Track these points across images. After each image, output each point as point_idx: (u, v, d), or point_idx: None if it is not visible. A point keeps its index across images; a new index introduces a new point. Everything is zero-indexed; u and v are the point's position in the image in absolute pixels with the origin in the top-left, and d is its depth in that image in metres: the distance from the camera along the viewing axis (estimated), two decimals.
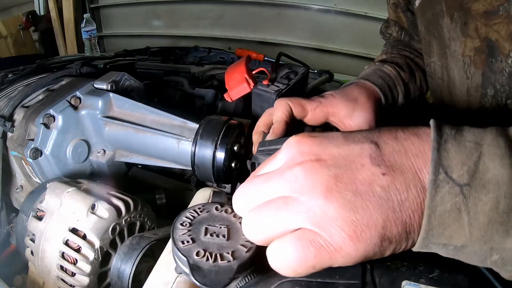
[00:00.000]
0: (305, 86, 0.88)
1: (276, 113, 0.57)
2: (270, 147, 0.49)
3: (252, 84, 0.77)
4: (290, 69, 0.83)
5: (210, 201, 0.56)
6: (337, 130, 0.64)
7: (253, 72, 0.80)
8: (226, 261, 0.36)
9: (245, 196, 0.36)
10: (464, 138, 0.31)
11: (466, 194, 0.29)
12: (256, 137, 0.60)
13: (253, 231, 0.34)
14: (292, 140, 0.35)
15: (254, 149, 0.58)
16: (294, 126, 0.58)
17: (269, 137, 0.56)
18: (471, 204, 0.29)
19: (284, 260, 0.32)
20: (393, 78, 0.73)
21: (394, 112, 0.74)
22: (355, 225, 0.30)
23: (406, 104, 0.75)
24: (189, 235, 0.38)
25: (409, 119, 1.03)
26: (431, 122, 0.33)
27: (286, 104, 0.58)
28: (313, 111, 0.59)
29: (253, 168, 0.50)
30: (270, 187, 0.34)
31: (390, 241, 0.31)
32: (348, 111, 0.61)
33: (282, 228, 0.32)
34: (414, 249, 0.32)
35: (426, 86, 0.82)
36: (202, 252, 0.36)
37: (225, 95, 0.80)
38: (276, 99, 0.72)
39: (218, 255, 0.36)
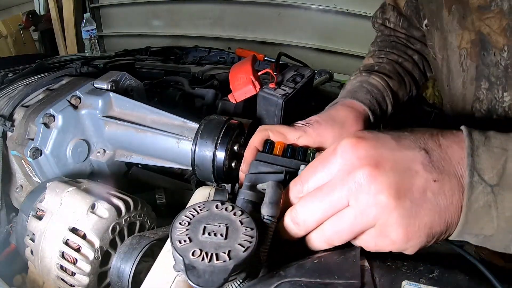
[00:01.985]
0: (311, 89, 0.86)
1: (250, 141, 0.59)
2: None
3: (258, 86, 0.74)
4: (296, 71, 0.81)
5: (210, 199, 0.56)
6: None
7: (259, 74, 0.77)
8: (222, 261, 0.35)
9: (315, 212, 0.39)
10: (492, 144, 0.36)
11: (495, 192, 0.34)
12: (249, 152, 0.59)
13: (330, 240, 0.39)
14: (347, 144, 0.38)
15: (245, 167, 0.58)
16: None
17: (242, 166, 0.59)
18: (499, 201, 0.34)
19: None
20: (381, 90, 0.72)
21: (383, 121, 0.74)
22: (409, 229, 0.35)
23: (394, 111, 0.75)
24: (186, 234, 0.38)
25: (410, 118, 1.03)
26: (463, 129, 0.37)
27: (266, 134, 0.59)
28: (296, 141, 0.59)
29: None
30: (337, 199, 0.37)
31: (433, 237, 0.36)
32: (333, 139, 0.60)
33: (355, 231, 0.38)
34: (449, 238, 0.38)
35: (416, 88, 0.81)
36: (198, 252, 0.36)
37: (229, 96, 0.78)
38: (283, 103, 0.71)
39: (214, 254, 0.36)
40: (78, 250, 0.54)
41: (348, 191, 0.36)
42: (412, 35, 0.83)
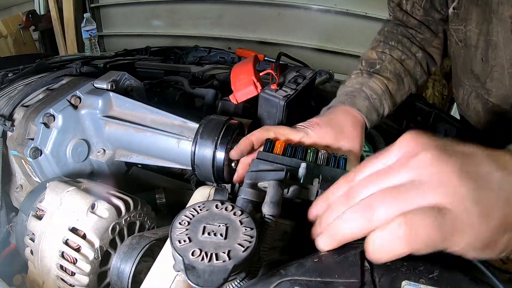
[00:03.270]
0: (313, 90, 0.86)
1: (249, 134, 0.60)
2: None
3: (259, 87, 0.74)
4: (298, 72, 0.81)
5: (210, 199, 0.56)
6: None
7: (260, 74, 0.77)
8: (222, 261, 0.35)
9: (370, 185, 0.37)
10: None
11: None
12: (244, 143, 0.61)
13: (387, 208, 0.34)
14: (406, 136, 0.37)
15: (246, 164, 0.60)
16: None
17: (233, 152, 0.61)
18: None
19: (419, 230, 0.32)
20: (379, 95, 0.74)
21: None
22: (484, 204, 0.32)
23: (390, 112, 0.78)
24: (186, 234, 0.38)
25: (410, 118, 1.03)
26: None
27: (268, 134, 0.61)
28: (298, 142, 0.62)
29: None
30: (394, 176, 0.35)
31: (505, 229, 0.33)
32: (333, 142, 0.64)
33: (414, 206, 0.33)
34: None
35: (415, 86, 0.84)
36: (197, 252, 0.36)
37: (231, 97, 0.78)
38: (284, 105, 0.71)
39: (214, 254, 0.36)
40: (78, 250, 0.54)
41: (410, 170, 0.34)
42: (430, 18, 0.84)
